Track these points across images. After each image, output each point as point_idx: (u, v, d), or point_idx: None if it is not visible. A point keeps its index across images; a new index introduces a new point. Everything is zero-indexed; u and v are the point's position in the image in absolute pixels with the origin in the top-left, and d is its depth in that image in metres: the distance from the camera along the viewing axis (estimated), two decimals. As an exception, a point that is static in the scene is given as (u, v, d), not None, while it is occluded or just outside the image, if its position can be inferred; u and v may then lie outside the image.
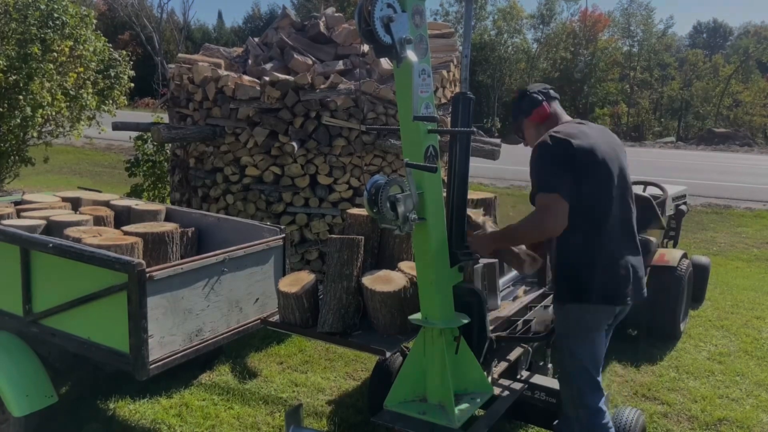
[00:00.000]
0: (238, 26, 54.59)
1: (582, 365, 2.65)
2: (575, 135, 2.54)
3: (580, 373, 2.66)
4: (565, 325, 2.67)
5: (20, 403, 3.06)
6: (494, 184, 13.36)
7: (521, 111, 2.81)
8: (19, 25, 7.67)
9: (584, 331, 2.63)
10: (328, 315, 2.78)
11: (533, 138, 2.77)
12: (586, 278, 2.54)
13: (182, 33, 38.90)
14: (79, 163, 15.47)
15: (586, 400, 2.64)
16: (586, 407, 2.64)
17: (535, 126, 2.78)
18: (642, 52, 40.51)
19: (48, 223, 3.66)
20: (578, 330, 2.63)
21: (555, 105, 2.79)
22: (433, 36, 5.74)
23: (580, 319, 2.61)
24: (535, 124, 2.77)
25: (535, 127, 2.78)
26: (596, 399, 2.65)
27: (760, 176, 16.38)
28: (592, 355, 2.66)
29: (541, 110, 2.74)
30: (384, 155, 5.19)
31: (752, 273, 7.53)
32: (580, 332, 2.63)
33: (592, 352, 2.65)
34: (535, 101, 2.75)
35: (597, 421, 2.63)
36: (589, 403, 2.64)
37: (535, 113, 2.75)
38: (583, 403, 2.65)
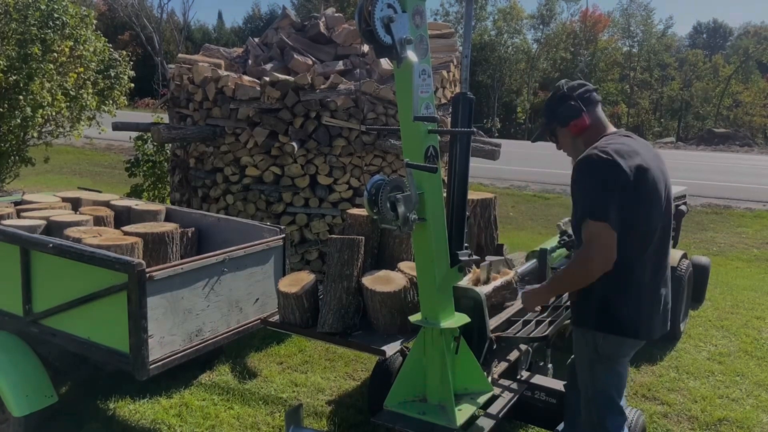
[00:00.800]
0: (238, 26, 54.62)
1: (606, 391, 2.49)
2: (625, 153, 2.29)
3: (604, 399, 2.50)
4: (587, 352, 2.48)
5: (20, 403, 3.06)
6: (494, 184, 13.36)
7: (555, 117, 2.53)
8: (20, 25, 7.66)
9: (609, 360, 2.46)
10: (328, 315, 2.79)
11: (570, 148, 2.57)
12: (618, 310, 2.36)
13: (182, 33, 38.90)
14: (79, 163, 15.47)
15: (607, 424, 2.50)
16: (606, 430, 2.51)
17: (571, 137, 2.53)
18: (642, 52, 40.54)
19: (48, 224, 3.66)
20: (603, 358, 2.45)
21: (596, 112, 2.50)
22: (434, 36, 5.74)
23: (605, 349, 2.42)
24: (571, 135, 2.52)
25: (571, 138, 2.53)
26: (618, 424, 2.51)
27: (760, 176, 16.38)
28: (617, 382, 2.50)
29: (579, 122, 2.46)
30: (384, 155, 5.19)
31: (752, 273, 7.53)
32: (605, 360, 2.45)
33: (616, 379, 2.50)
34: (573, 111, 2.46)
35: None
36: (609, 427, 2.50)
37: (573, 125, 2.48)
38: (604, 426, 2.50)
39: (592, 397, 2.52)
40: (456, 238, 2.69)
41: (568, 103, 2.48)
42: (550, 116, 2.57)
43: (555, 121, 2.55)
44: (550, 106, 2.57)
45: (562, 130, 2.54)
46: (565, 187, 13.14)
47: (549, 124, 2.59)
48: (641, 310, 2.38)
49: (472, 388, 2.72)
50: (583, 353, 2.51)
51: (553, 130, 2.59)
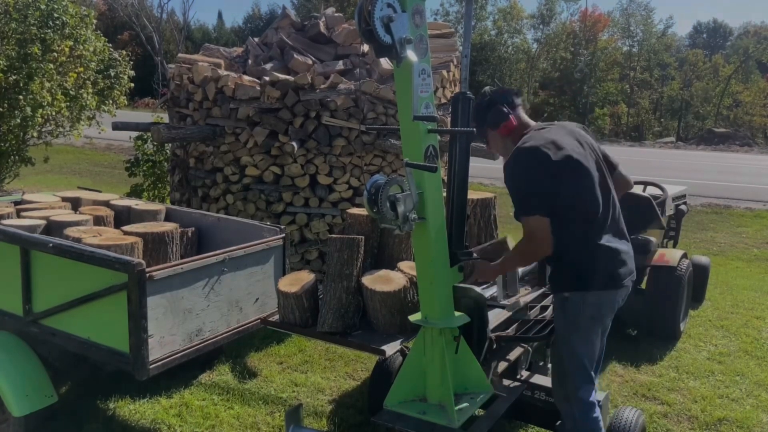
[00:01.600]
0: (238, 26, 54.59)
1: (580, 360, 2.65)
2: (544, 145, 2.52)
3: (578, 368, 2.67)
4: (565, 318, 2.65)
5: (20, 403, 3.06)
6: (494, 183, 13.36)
7: (486, 121, 2.76)
8: (19, 25, 7.66)
9: (586, 322, 2.62)
10: (327, 315, 2.79)
11: (500, 148, 2.82)
12: (585, 267, 2.57)
13: (182, 33, 38.88)
14: (79, 163, 15.47)
15: (581, 393, 2.66)
16: (581, 401, 2.66)
17: (501, 138, 2.77)
18: (642, 52, 40.51)
19: (48, 223, 3.66)
20: (580, 321, 2.62)
21: (519, 113, 2.76)
22: (433, 36, 5.74)
23: (582, 309, 2.60)
24: (501, 136, 2.76)
25: (501, 139, 2.77)
26: (589, 392, 2.69)
27: (760, 176, 16.38)
28: (591, 349, 2.68)
29: (508, 124, 2.71)
30: (384, 155, 5.19)
31: (752, 273, 7.53)
32: (582, 323, 2.62)
33: (590, 346, 2.67)
34: (502, 115, 2.71)
35: (590, 415, 2.66)
36: (583, 396, 2.66)
37: (503, 127, 2.72)
38: (577, 397, 2.66)
39: (567, 369, 2.68)
40: (456, 238, 2.69)
41: (496, 107, 2.73)
42: (481, 121, 2.78)
43: (486, 124, 2.77)
44: (480, 112, 2.77)
45: (493, 133, 2.78)
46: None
47: (480, 126, 2.79)
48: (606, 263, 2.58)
49: (472, 387, 2.72)
50: (560, 323, 2.69)
51: (485, 133, 2.81)
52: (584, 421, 2.66)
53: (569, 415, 2.71)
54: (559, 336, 2.71)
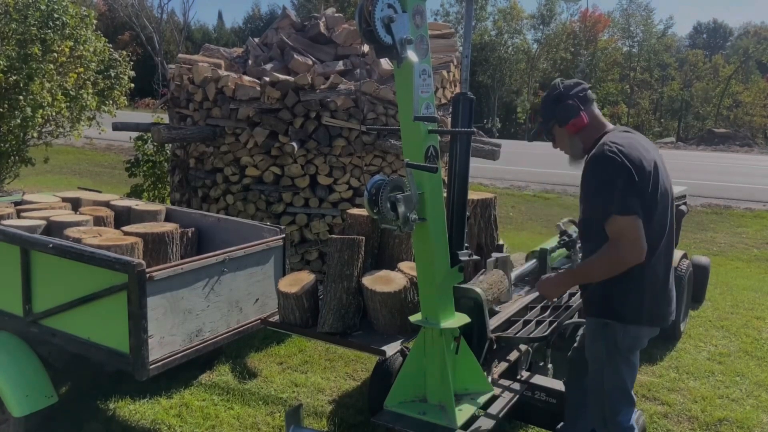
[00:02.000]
0: (239, 26, 54.62)
1: (623, 384, 2.52)
2: (639, 149, 2.35)
3: (620, 392, 2.53)
4: (605, 344, 2.49)
5: (20, 404, 3.06)
6: (494, 184, 13.36)
7: (554, 116, 2.54)
8: (20, 25, 7.66)
9: (628, 351, 2.49)
10: (328, 315, 2.79)
11: (567, 146, 2.59)
12: (637, 300, 2.41)
13: (182, 33, 38.89)
14: (79, 163, 15.47)
15: (620, 417, 2.54)
16: (619, 425, 2.55)
17: (568, 136, 2.54)
18: (642, 52, 40.55)
19: (48, 224, 3.66)
20: (622, 349, 2.47)
21: (592, 111, 2.53)
22: (434, 36, 5.74)
23: (624, 339, 2.46)
24: (568, 134, 2.54)
25: (568, 136, 2.55)
26: (629, 416, 2.57)
27: (760, 176, 16.38)
28: (632, 374, 2.55)
29: (578, 121, 2.48)
30: (384, 155, 5.19)
31: (752, 273, 7.53)
32: (624, 351, 2.48)
33: (632, 371, 2.55)
34: (572, 111, 2.48)
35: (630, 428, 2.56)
36: (623, 421, 2.55)
37: (572, 124, 2.49)
38: (616, 420, 2.54)
39: (608, 391, 2.52)
40: (456, 238, 2.69)
41: (565, 102, 2.50)
42: (548, 115, 2.57)
43: (553, 120, 2.55)
44: (548, 106, 2.57)
45: (561, 129, 2.55)
46: (565, 187, 13.14)
47: (546, 123, 2.59)
48: (658, 299, 2.45)
49: (473, 388, 2.72)
50: (600, 348, 2.51)
51: (551, 128, 2.59)
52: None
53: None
54: (599, 359, 2.54)
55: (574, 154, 2.58)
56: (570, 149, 2.58)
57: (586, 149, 2.52)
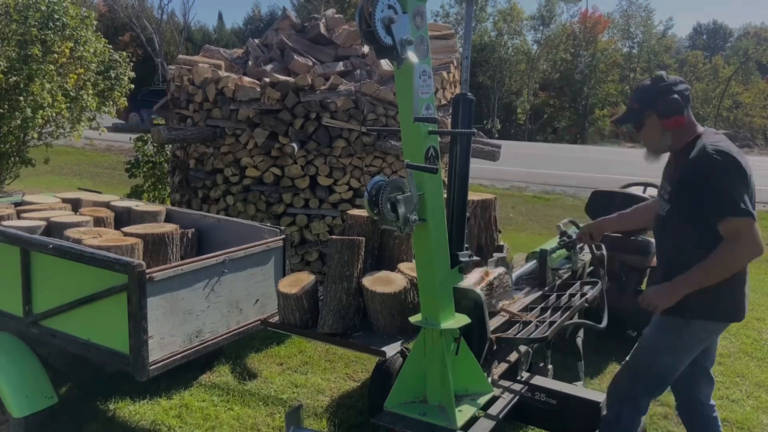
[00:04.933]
0: (239, 27, 54.59)
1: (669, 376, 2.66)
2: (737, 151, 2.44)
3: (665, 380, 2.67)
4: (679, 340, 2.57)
5: (20, 404, 3.06)
6: (494, 185, 13.36)
7: (654, 106, 2.52)
8: (20, 26, 7.67)
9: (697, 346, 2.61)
10: (328, 316, 2.78)
11: (656, 139, 2.58)
12: (725, 298, 2.52)
13: (182, 34, 38.90)
14: (79, 164, 15.47)
15: (642, 401, 2.70)
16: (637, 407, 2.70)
17: (661, 129, 2.54)
18: (642, 53, 40.56)
19: (48, 224, 3.66)
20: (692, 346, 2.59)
21: (690, 112, 2.56)
22: (434, 37, 5.74)
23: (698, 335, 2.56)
24: (664, 128, 2.54)
25: (661, 129, 2.55)
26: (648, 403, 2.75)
27: (760, 177, 16.34)
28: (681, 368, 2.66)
29: (680, 119, 2.50)
30: (384, 156, 5.20)
31: (752, 274, 7.50)
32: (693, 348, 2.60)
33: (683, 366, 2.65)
34: (678, 107, 2.49)
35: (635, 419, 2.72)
36: (642, 404, 2.70)
37: (674, 120, 2.50)
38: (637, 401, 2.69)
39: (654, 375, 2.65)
40: (456, 239, 2.69)
41: (672, 96, 2.50)
42: (649, 104, 2.55)
43: (652, 109, 2.54)
44: (651, 94, 2.55)
45: (656, 121, 2.55)
46: (564, 188, 13.14)
47: (643, 111, 2.57)
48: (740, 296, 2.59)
49: (473, 389, 2.72)
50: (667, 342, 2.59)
51: (645, 118, 2.58)
52: (629, 423, 2.70)
53: (614, 412, 2.74)
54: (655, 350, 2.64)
55: (659, 148, 2.60)
56: (659, 143, 2.59)
57: (674, 147, 2.56)
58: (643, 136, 2.64)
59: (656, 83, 2.56)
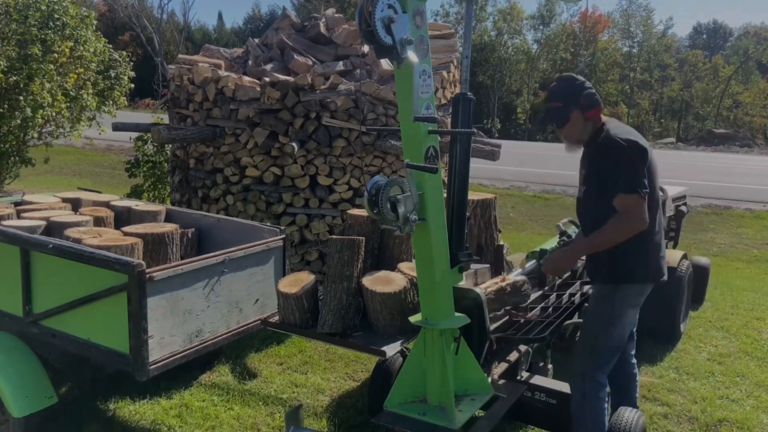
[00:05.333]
0: (239, 27, 54.62)
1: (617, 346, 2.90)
2: (635, 134, 2.77)
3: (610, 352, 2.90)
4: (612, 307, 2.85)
5: (20, 404, 3.06)
6: (494, 185, 13.37)
7: (576, 102, 2.81)
8: (20, 25, 7.67)
9: (630, 311, 2.88)
10: (328, 316, 2.78)
11: (580, 131, 2.86)
12: (642, 261, 2.81)
13: (182, 34, 38.91)
14: (79, 163, 15.47)
15: (599, 375, 2.89)
16: (596, 381, 2.88)
17: (584, 121, 2.84)
18: (642, 53, 40.56)
19: (48, 224, 3.65)
20: (624, 310, 2.86)
21: None
22: (434, 37, 5.74)
23: (629, 300, 2.86)
24: (585, 119, 2.83)
25: (584, 121, 2.84)
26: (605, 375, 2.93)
27: (760, 177, 16.38)
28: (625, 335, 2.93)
29: (599, 110, 2.83)
30: (384, 156, 5.19)
31: (752, 274, 7.53)
32: (626, 312, 2.87)
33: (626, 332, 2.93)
34: (596, 100, 2.82)
35: (599, 395, 2.90)
36: (600, 379, 2.89)
37: (594, 112, 2.82)
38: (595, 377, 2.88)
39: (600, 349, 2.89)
40: (456, 239, 2.69)
41: (589, 91, 2.82)
42: (570, 100, 2.83)
43: (574, 104, 2.82)
44: (572, 92, 2.84)
45: (579, 115, 2.83)
46: (564, 188, 13.14)
47: (568, 108, 2.84)
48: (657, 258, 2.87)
49: (472, 388, 2.72)
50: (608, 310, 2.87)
51: (569, 113, 2.84)
52: (593, 399, 2.88)
53: (579, 391, 2.91)
54: (598, 322, 2.90)
55: (582, 139, 2.88)
56: (581, 133, 2.87)
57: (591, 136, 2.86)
58: (567, 130, 2.90)
59: (572, 82, 2.88)
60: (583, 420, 2.90)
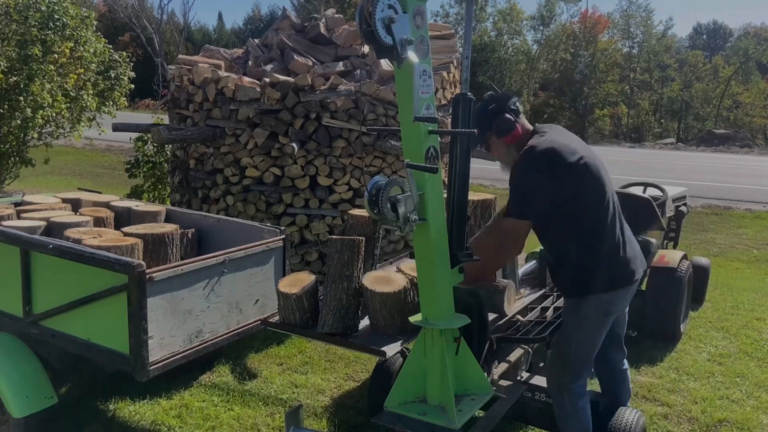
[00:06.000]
0: (239, 27, 54.63)
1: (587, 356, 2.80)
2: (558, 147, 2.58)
3: (582, 362, 2.80)
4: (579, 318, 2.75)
5: (20, 405, 3.06)
6: (494, 185, 13.37)
7: (489, 128, 2.76)
8: (20, 26, 7.67)
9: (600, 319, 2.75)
10: (328, 316, 2.78)
11: (503, 156, 2.83)
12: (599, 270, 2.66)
13: (182, 34, 38.92)
14: (80, 164, 15.47)
15: (576, 384, 2.82)
16: (574, 392, 2.82)
17: (506, 146, 2.78)
18: (642, 53, 40.53)
19: (48, 224, 3.66)
20: (594, 319, 2.74)
21: (522, 119, 2.78)
22: (434, 37, 5.74)
23: (597, 308, 2.72)
24: (506, 144, 2.77)
25: (505, 146, 2.78)
26: (584, 385, 2.87)
27: (760, 177, 16.38)
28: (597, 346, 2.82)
29: (514, 133, 2.73)
30: (384, 156, 5.20)
31: (752, 274, 7.53)
32: (596, 321, 2.75)
33: (597, 343, 2.81)
34: (509, 124, 2.72)
35: (579, 405, 2.83)
36: (577, 389, 2.82)
37: (510, 136, 2.74)
38: (571, 388, 2.81)
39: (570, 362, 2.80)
40: (456, 239, 2.68)
41: (502, 115, 2.73)
42: (484, 127, 2.75)
43: (489, 131, 2.77)
44: (485, 118, 2.75)
45: (497, 141, 2.78)
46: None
47: (484, 134, 2.78)
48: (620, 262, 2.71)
49: (473, 389, 2.72)
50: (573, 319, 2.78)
51: (487, 139, 2.81)
52: (574, 410, 2.83)
53: (560, 403, 2.87)
54: (569, 333, 2.81)
55: (508, 161, 2.78)
56: (506, 158, 2.81)
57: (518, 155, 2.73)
58: (493, 153, 2.88)
59: (485, 107, 2.78)
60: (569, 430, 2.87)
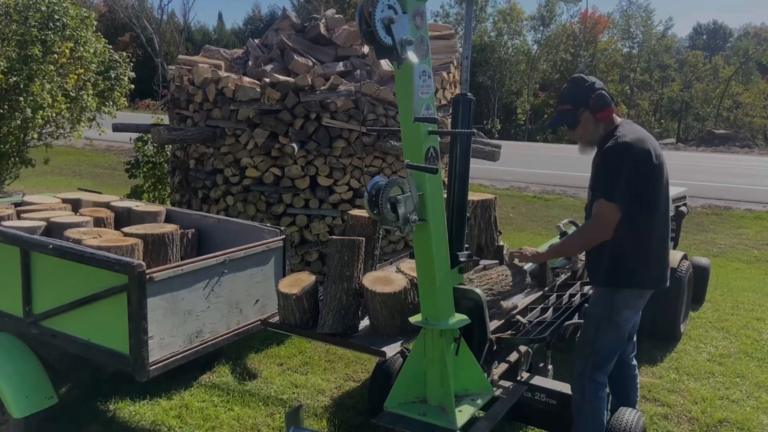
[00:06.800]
0: (239, 28, 54.64)
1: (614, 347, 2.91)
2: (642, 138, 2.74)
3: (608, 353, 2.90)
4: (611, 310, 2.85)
5: (20, 405, 3.06)
6: (494, 185, 13.37)
7: (585, 103, 2.82)
8: (20, 26, 7.67)
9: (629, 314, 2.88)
10: (328, 316, 2.78)
11: (590, 132, 2.88)
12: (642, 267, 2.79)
13: (182, 34, 38.93)
14: (80, 164, 15.47)
15: (598, 375, 2.90)
16: (596, 381, 2.90)
17: (595, 122, 2.85)
18: (642, 53, 40.55)
19: (48, 225, 3.66)
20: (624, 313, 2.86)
21: None
22: (434, 37, 5.74)
23: (628, 304, 2.85)
24: (597, 120, 2.84)
25: (595, 122, 2.85)
26: (605, 375, 2.94)
27: (760, 177, 16.37)
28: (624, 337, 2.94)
29: (610, 110, 2.83)
30: (384, 156, 5.20)
31: (752, 274, 7.53)
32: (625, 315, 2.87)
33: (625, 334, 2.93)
34: (607, 101, 2.81)
35: (599, 394, 2.91)
36: (599, 378, 2.91)
37: (604, 113, 2.82)
38: (594, 376, 2.89)
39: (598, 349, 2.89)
40: (456, 239, 2.69)
41: (600, 92, 2.82)
42: (580, 101, 2.84)
43: (584, 106, 2.84)
44: (581, 94, 2.85)
45: (590, 116, 2.84)
46: (565, 189, 13.14)
47: (577, 110, 2.85)
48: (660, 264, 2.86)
49: (473, 389, 2.72)
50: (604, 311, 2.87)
51: (580, 114, 2.86)
52: (593, 398, 2.90)
53: (579, 391, 2.93)
54: (597, 321, 2.89)
55: (594, 140, 2.88)
56: (593, 135, 2.88)
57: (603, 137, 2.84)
58: (579, 132, 2.92)
59: (581, 84, 2.89)
60: (584, 419, 2.91)
